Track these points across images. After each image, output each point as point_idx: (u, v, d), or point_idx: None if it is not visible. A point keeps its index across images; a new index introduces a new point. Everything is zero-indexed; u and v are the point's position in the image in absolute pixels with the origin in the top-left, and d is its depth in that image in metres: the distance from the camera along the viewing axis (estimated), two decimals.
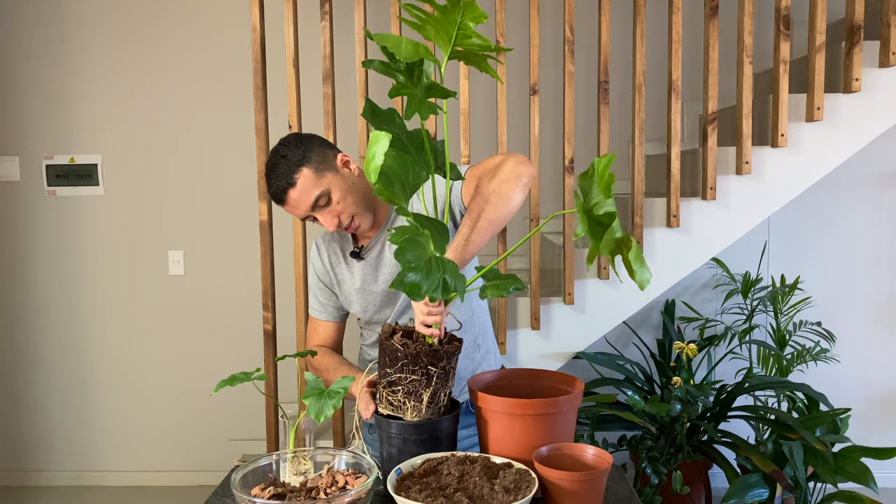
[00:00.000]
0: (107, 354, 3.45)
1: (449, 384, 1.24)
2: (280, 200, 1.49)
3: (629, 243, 0.97)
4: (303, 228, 2.44)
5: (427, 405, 1.21)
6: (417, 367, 1.20)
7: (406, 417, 1.22)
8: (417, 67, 1.12)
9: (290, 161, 1.47)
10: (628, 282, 2.52)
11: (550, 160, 3.15)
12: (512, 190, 1.40)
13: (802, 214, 3.19)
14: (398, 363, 1.21)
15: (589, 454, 1.21)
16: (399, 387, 1.21)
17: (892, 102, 2.45)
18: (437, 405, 1.23)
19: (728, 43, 2.93)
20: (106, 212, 3.38)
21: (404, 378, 1.20)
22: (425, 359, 1.20)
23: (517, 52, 3.05)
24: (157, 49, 3.30)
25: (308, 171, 1.47)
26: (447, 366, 1.22)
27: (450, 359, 1.23)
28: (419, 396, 1.21)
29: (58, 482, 3.50)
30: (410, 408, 1.21)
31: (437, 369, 1.21)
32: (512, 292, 1.18)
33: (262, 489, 1.13)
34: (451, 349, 1.23)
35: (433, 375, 1.20)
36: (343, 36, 2.94)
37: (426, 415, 1.22)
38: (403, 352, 1.20)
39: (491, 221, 1.37)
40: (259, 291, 2.63)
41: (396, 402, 1.22)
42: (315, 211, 1.49)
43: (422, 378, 1.20)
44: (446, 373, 1.23)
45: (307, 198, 1.47)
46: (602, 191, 0.96)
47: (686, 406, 2.36)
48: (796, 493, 2.35)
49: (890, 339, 3.25)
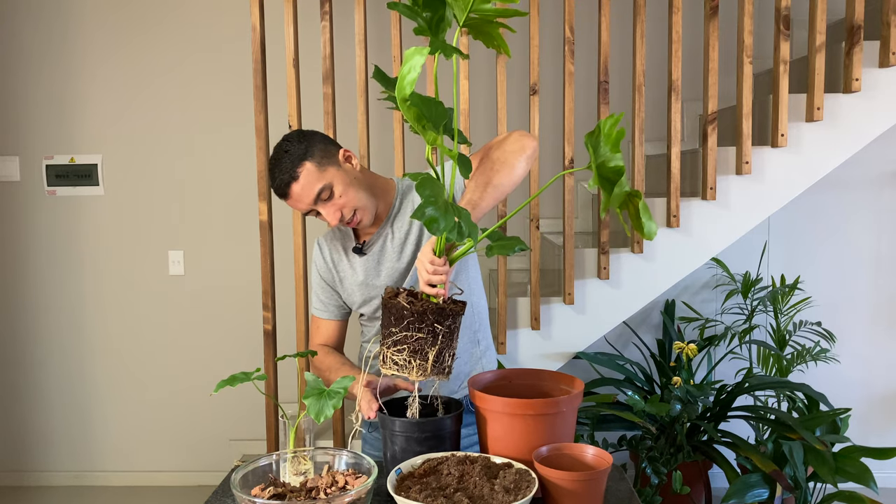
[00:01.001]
0: (107, 354, 3.45)
1: (453, 345, 1.22)
2: (283, 194, 1.51)
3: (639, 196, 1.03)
4: (303, 228, 2.44)
5: (433, 364, 1.19)
6: (423, 325, 1.18)
7: (411, 377, 1.20)
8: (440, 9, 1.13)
9: (293, 156, 1.49)
10: (628, 282, 2.53)
11: (550, 160, 3.15)
12: (517, 159, 1.46)
13: (802, 214, 3.19)
14: (404, 321, 1.19)
15: (589, 454, 1.21)
16: (404, 345, 1.19)
17: (892, 102, 2.45)
18: (442, 365, 1.21)
19: (728, 43, 2.93)
20: (106, 212, 3.38)
21: (410, 336, 1.18)
22: (431, 316, 1.18)
23: (517, 52, 3.05)
24: (157, 49, 3.30)
25: (311, 165, 1.49)
26: (452, 325, 1.21)
27: (455, 318, 1.21)
28: (425, 355, 1.19)
29: (58, 482, 3.50)
30: (416, 367, 1.19)
31: (443, 328, 1.19)
32: (517, 252, 1.20)
33: (262, 489, 1.13)
34: (457, 308, 1.22)
35: (439, 333, 1.19)
36: (343, 36, 2.94)
37: (431, 374, 1.20)
38: (410, 309, 1.18)
39: (495, 187, 1.43)
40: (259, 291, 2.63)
41: (401, 362, 1.19)
42: (318, 204, 1.51)
43: (427, 336, 1.18)
44: (451, 332, 1.21)
45: (310, 191, 1.49)
46: (610, 147, 1.00)
47: (686, 406, 2.36)
48: (796, 493, 2.35)
49: (890, 339, 3.25)
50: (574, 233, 2.68)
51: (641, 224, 1.04)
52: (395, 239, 1.61)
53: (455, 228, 1.08)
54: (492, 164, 1.46)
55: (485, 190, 1.42)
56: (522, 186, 3.08)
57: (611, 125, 1.01)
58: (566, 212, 2.49)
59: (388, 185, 1.66)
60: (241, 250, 3.32)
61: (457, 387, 1.63)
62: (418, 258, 1.25)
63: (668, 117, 2.48)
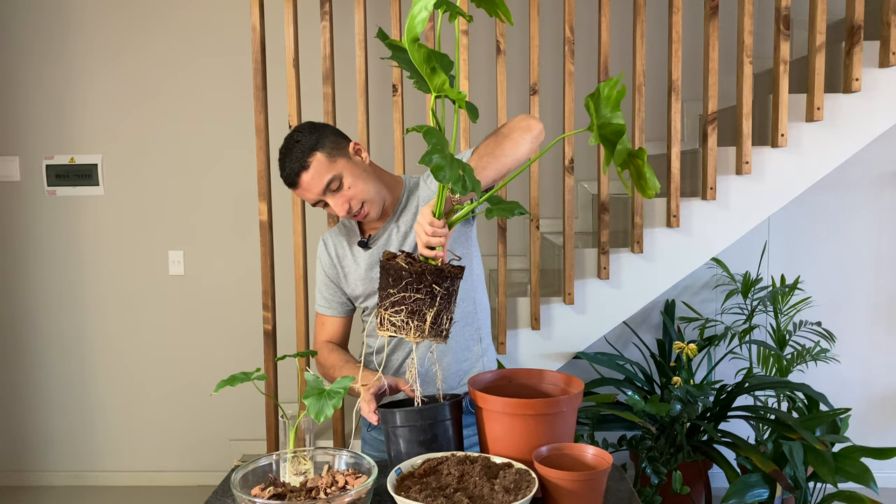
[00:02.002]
0: (107, 354, 3.45)
1: (451, 308, 1.20)
2: (293, 183, 1.53)
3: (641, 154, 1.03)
4: (303, 228, 2.44)
5: (430, 326, 1.17)
6: (422, 286, 1.16)
7: (408, 338, 1.18)
8: None
9: (304, 146, 1.51)
10: (628, 282, 2.53)
11: (550, 160, 3.15)
12: (522, 136, 1.46)
13: (802, 214, 3.19)
14: (402, 282, 1.17)
15: (589, 454, 1.21)
16: (402, 306, 1.17)
17: (892, 102, 2.45)
18: (440, 328, 1.19)
19: (728, 43, 2.93)
20: (106, 212, 3.38)
21: (408, 297, 1.16)
22: (430, 277, 1.17)
23: (517, 52, 3.05)
24: (157, 49, 3.30)
25: (321, 155, 1.51)
26: (451, 287, 1.19)
27: (453, 281, 1.20)
28: (422, 316, 1.17)
29: (58, 482, 3.50)
30: (413, 328, 1.17)
31: (441, 289, 1.17)
32: (516, 215, 1.18)
33: (262, 489, 1.13)
34: (456, 271, 1.20)
35: (437, 295, 1.17)
36: (343, 36, 2.94)
37: (429, 336, 1.18)
38: (408, 270, 1.17)
39: (498, 158, 1.43)
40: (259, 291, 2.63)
41: (399, 323, 1.17)
42: (326, 195, 1.53)
43: (426, 297, 1.16)
44: (450, 294, 1.19)
45: (319, 181, 1.51)
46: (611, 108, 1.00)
47: (686, 406, 2.36)
48: (796, 493, 2.35)
49: (890, 339, 3.25)
50: (574, 233, 2.68)
51: (645, 181, 1.04)
52: (400, 233, 1.62)
53: (460, 181, 1.07)
54: (496, 138, 1.47)
55: (488, 160, 1.42)
56: (523, 186, 3.09)
57: (610, 88, 1.02)
58: (566, 212, 2.49)
59: (396, 181, 1.67)
60: (241, 250, 3.32)
61: (456, 384, 1.63)
62: (417, 220, 1.24)
63: (668, 117, 2.48)
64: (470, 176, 1.10)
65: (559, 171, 3.04)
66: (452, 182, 1.07)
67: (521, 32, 3.09)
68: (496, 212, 1.19)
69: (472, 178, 1.10)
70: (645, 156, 1.03)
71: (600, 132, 1.04)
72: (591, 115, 1.05)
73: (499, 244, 2.51)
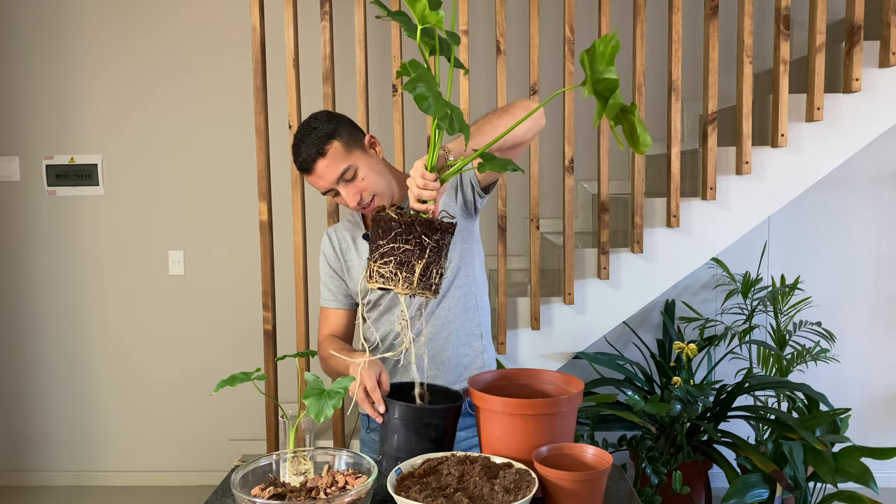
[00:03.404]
0: (107, 354, 3.45)
1: (441, 263, 1.19)
2: (307, 169, 1.53)
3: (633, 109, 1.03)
4: (303, 228, 2.44)
5: (419, 278, 1.15)
6: (411, 237, 1.15)
7: (397, 289, 1.16)
8: None
9: (321, 133, 1.51)
10: (628, 282, 2.53)
11: (550, 160, 3.15)
12: (521, 113, 1.44)
13: (802, 214, 3.19)
14: (391, 233, 1.15)
15: (589, 454, 1.21)
16: (391, 257, 1.15)
17: (892, 102, 2.45)
18: (429, 281, 1.17)
19: (728, 43, 2.92)
20: (106, 212, 3.38)
21: (397, 248, 1.15)
22: (419, 228, 1.15)
23: (517, 52, 3.05)
24: (157, 49, 3.30)
25: (338, 144, 1.52)
26: (441, 241, 1.17)
27: (444, 234, 1.18)
28: (411, 267, 1.15)
29: (58, 482, 3.50)
30: (402, 279, 1.15)
31: (432, 241, 1.15)
32: (509, 170, 1.16)
33: (262, 489, 1.13)
34: (447, 226, 1.19)
35: (426, 247, 1.15)
36: (343, 36, 2.94)
37: (417, 288, 1.16)
38: (398, 220, 1.15)
39: (494, 127, 1.40)
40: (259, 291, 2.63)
41: (387, 274, 1.16)
42: (339, 184, 1.53)
43: (415, 248, 1.15)
44: (440, 248, 1.17)
45: (335, 170, 1.51)
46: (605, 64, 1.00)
47: (686, 406, 2.36)
48: (796, 493, 2.35)
49: (890, 339, 3.25)
50: (574, 233, 2.68)
51: (637, 137, 1.04)
52: None
53: (447, 118, 1.05)
54: (495, 112, 1.45)
55: (485, 128, 1.40)
56: (523, 186, 3.09)
57: (605, 44, 1.02)
58: (566, 212, 2.49)
59: (403, 177, 1.68)
60: (241, 250, 3.32)
61: (455, 378, 1.63)
62: (410, 174, 1.22)
63: (668, 117, 2.48)
64: (458, 118, 1.08)
65: (559, 171, 3.04)
66: (438, 117, 1.05)
67: (521, 32, 3.09)
68: (489, 166, 1.16)
69: (460, 120, 1.08)
70: (637, 111, 1.04)
71: (594, 87, 1.04)
72: (585, 69, 1.05)
73: (499, 244, 2.51)
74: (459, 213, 1.60)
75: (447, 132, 1.07)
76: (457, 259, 1.61)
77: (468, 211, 1.62)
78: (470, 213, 1.62)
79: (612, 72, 1.02)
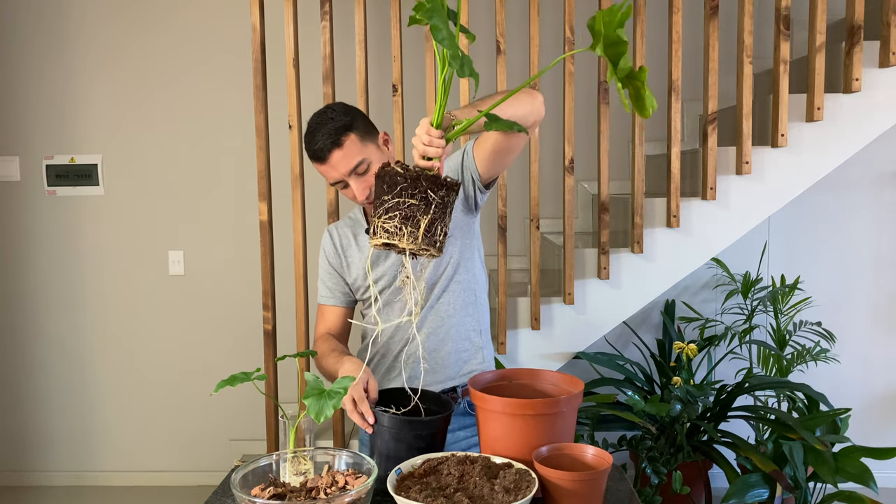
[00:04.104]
0: (107, 354, 3.45)
1: (446, 221, 1.18)
2: (320, 158, 1.52)
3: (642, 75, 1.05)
4: (303, 228, 2.44)
5: (424, 233, 1.14)
6: (417, 192, 1.14)
7: (402, 244, 1.14)
8: None
9: (338, 124, 1.51)
10: (628, 282, 2.53)
11: (550, 160, 3.15)
12: (524, 97, 1.42)
13: (802, 214, 3.19)
14: (396, 188, 1.14)
15: (589, 454, 1.21)
16: (396, 212, 1.14)
17: (892, 102, 2.45)
18: (434, 238, 1.15)
19: (728, 43, 2.92)
20: (106, 212, 3.38)
21: (402, 203, 1.14)
22: (425, 183, 1.14)
23: (517, 52, 3.05)
24: (157, 49, 3.30)
25: (355, 136, 1.52)
26: (446, 198, 1.16)
27: (449, 191, 1.17)
28: (416, 222, 1.14)
29: (58, 482, 3.50)
30: (407, 234, 1.14)
31: (437, 197, 1.14)
32: (515, 131, 1.17)
33: (262, 489, 1.13)
34: (452, 182, 1.18)
35: (432, 202, 1.14)
36: (343, 36, 2.94)
37: (422, 244, 1.14)
38: (403, 175, 1.14)
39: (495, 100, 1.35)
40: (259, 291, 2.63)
41: (392, 228, 1.14)
42: (351, 177, 1.53)
43: (420, 203, 1.14)
44: (445, 205, 1.16)
45: (349, 162, 1.51)
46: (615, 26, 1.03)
47: (686, 406, 2.36)
48: (796, 493, 2.35)
49: (890, 339, 3.25)
50: (574, 233, 2.68)
51: (643, 101, 1.07)
52: None
53: (458, 59, 1.05)
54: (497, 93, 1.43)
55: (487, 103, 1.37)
56: (523, 186, 3.09)
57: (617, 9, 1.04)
58: (566, 212, 2.49)
59: None
60: (241, 250, 3.32)
61: (455, 373, 1.63)
62: (416, 132, 1.21)
63: (668, 117, 2.48)
64: (468, 62, 1.08)
65: (559, 171, 3.04)
66: (451, 54, 1.04)
67: (521, 32, 3.08)
68: (495, 126, 1.16)
69: (469, 64, 1.08)
70: (645, 76, 1.05)
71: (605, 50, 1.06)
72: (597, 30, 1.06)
73: (499, 244, 2.51)
74: (460, 208, 1.60)
75: (457, 73, 1.05)
76: (457, 254, 1.62)
77: (469, 206, 1.62)
78: (470, 208, 1.63)
79: (623, 35, 1.04)
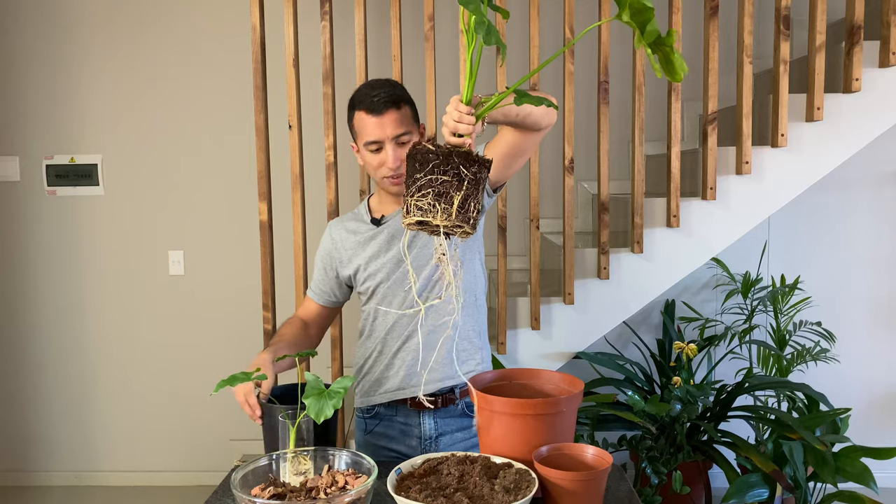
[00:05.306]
0: (107, 354, 3.45)
1: (479, 197, 1.17)
2: (376, 110, 1.55)
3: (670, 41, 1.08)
4: (302, 228, 2.44)
5: (458, 210, 1.14)
6: (449, 168, 1.14)
7: (435, 221, 1.14)
8: None
9: (401, 92, 1.59)
10: (628, 282, 2.52)
11: (550, 160, 3.15)
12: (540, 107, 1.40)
13: (802, 214, 3.19)
14: (429, 164, 1.14)
15: (589, 454, 1.21)
16: (429, 189, 1.14)
17: (892, 102, 2.45)
18: (468, 214, 1.15)
19: (728, 43, 2.92)
20: (106, 212, 3.38)
21: (435, 180, 1.14)
22: (457, 159, 1.14)
23: (517, 52, 3.05)
24: (157, 49, 3.30)
25: (409, 110, 1.60)
26: (478, 174, 1.16)
27: (481, 168, 1.16)
28: (450, 199, 1.13)
29: (58, 482, 3.50)
30: (440, 210, 1.13)
31: (469, 173, 1.14)
32: (546, 105, 1.18)
33: (262, 489, 1.13)
34: (483, 159, 1.17)
35: (465, 178, 1.14)
36: (343, 36, 2.94)
37: (456, 220, 1.14)
38: (435, 152, 1.14)
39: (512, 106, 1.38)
40: (259, 291, 2.63)
41: (425, 206, 1.14)
42: (391, 142, 1.57)
43: (453, 179, 1.14)
44: (477, 181, 1.16)
45: (400, 126, 1.57)
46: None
47: (686, 406, 2.36)
48: (796, 493, 2.35)
49: (890, 339, 3.25)
50: (574, 233, 2.68)
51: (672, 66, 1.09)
52: None
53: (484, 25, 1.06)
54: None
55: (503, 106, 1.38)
56: (523, 186, 3.08)
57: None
58: (566, 212, 2.49)
59: None
60: (241, 250, 3.32)
61: (454, 372, 1.64)
62: (447, 109, 1.21)
63: (668, 117, 2.48)
64: (494, 30, 1.09)
65: (559, 171, 3.04)
66: (476, 22, 1.06)
67: (521, 32, 3.08)
68: (525, 100, 1.16)
69: (495, 32, 1.09)
70: (673, 41, 1.07)
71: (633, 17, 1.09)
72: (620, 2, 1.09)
73: (499, 244, 2.51)
74: None
75: (483, 40, 1.06)
76: (458, 255, 1.62)
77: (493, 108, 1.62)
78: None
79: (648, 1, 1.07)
